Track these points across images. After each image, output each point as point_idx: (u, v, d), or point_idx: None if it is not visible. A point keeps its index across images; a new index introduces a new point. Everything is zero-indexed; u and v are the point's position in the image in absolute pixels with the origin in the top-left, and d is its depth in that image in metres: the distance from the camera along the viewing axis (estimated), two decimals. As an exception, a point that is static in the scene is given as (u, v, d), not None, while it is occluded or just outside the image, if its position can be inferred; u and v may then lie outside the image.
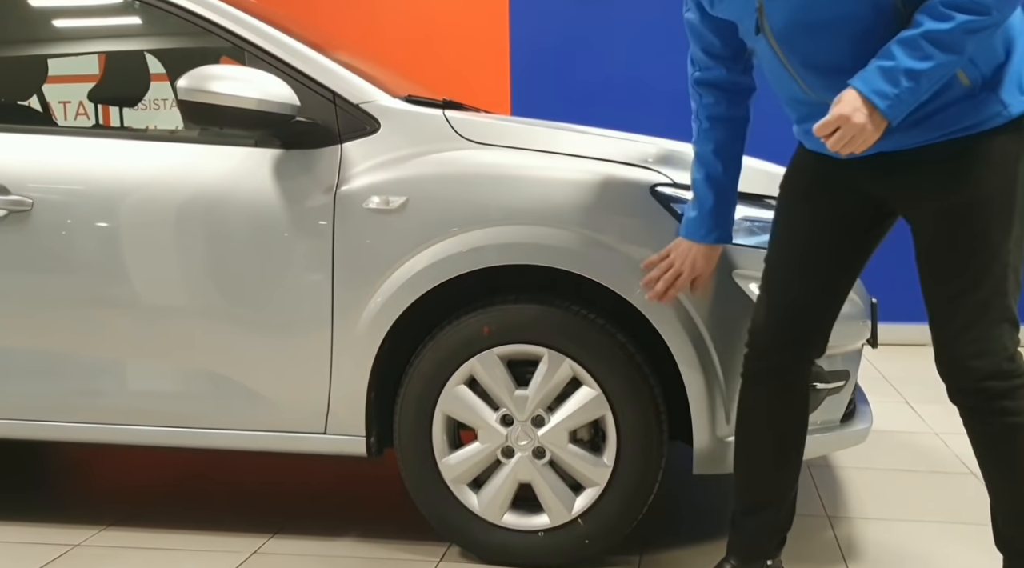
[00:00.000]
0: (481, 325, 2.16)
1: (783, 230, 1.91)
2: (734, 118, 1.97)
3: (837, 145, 1.57)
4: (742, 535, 1.99)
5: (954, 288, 1.68)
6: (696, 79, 1.96)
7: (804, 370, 1.92)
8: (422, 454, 2.22)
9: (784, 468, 1.97)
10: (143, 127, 2.73)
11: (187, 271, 2.27)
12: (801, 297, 1.88)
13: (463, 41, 5.22)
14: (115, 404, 2.33)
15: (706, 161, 1.97)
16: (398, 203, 2.17)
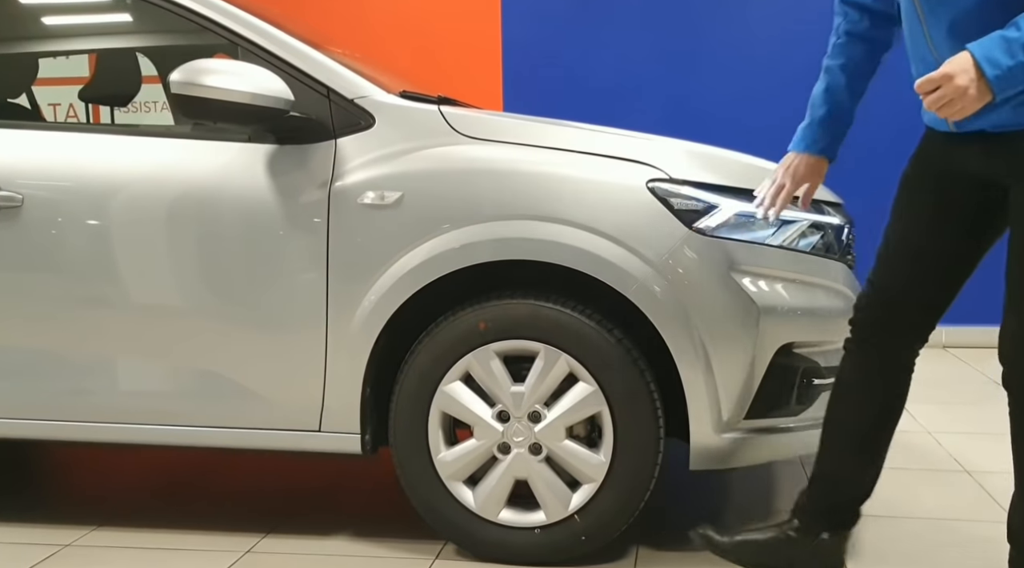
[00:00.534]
0: (477, 321, 2.15)
1: (904, 216, 1.90)
2: (873, 39, 1.94)
3: (934, 105, 1.54)
4: (810, 502, 2.01)
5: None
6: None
7: (910, 356, 1.94)
8: (417, 451, 2.20)
9: (873, 449, 1.98)
10: (135, 123, 2.70)
11: (179, 267, 2.26)
12: (910, 286, 1.88)
13: (455, 40, 5.22)
14: (106, 402, 2.31)
15: (832, 74, 1.95)
16: (393, 198, 2.16)
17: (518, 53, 5.24)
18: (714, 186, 2.15)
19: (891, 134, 5.02)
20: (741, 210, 2.15)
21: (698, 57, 5.15)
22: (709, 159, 2.23)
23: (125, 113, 4.13)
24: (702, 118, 5.12)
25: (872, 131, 4.98)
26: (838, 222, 2.34)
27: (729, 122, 5.13)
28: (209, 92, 2.08)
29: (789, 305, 2.14)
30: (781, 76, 5.06)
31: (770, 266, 2.14)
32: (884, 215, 1.96)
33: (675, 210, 2.10)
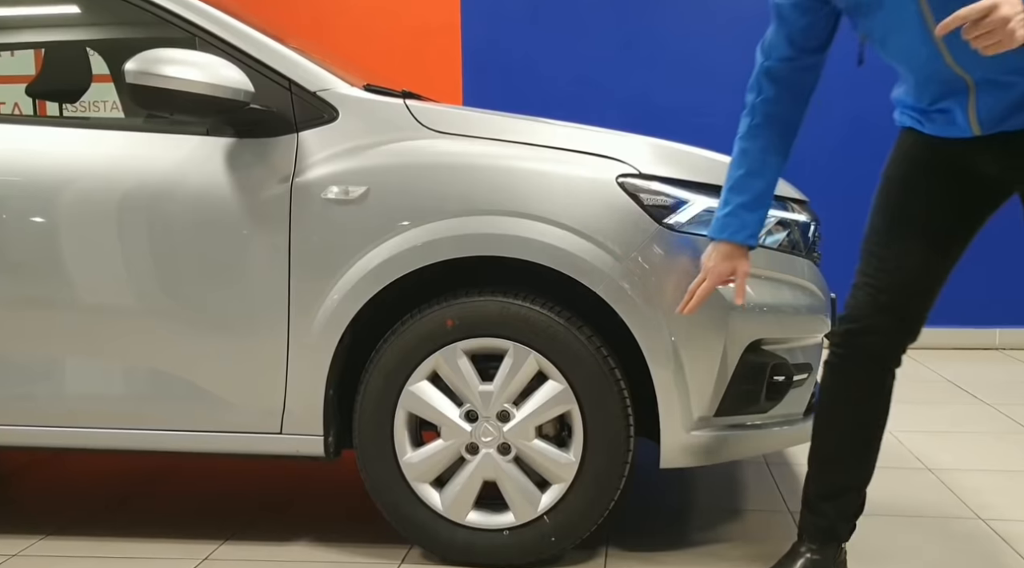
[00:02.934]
0: (444, 318, 2.10)
1: (888, 217, 1.89)
2: (789, 121, 1.92)
3: (975, 32, 1.44)
4: (819, 519, 1.96)
5: None
6: (766, 69, 1.90)
7: (896, 359, 1.92)
8: (383, 452, 2.15)
9: (867, 456, 1.95)
10: (85, 115, 2.59)
11: (133, 265, 2.18)
12: (907, 280, 1.86)
13: (414, 38, 5.16)
14: (55, 406, 2.22)
15: (752, 158, 1.92)
16: (358, 193, 2.10)
17: (478, 49, 5.20)
18: (684, 182, 2.14)
19: (855, 136, 5.12)
20: (711, 206, 2.13)
21: (660, 52, 5.16)
22: (678, 155, 2.22)
23: (74, 111, 4.00)
24: (664, 115, 5.13)
25: (837, 132, 5.08)
26: (804, 219, 2.33)
27: (691, 119, 5.15)
28: (166, 82, 2.01)
29: (757, 301, 2.13)
30: (743, 73, 5.11)
31: (740, 263, 2.13)
32: (852, 213, 1.96)
33: (645, 206, 2.08)
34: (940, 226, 1.86)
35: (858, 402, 1.93)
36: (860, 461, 1.96)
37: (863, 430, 1.95)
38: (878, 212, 1.92)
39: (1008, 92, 1.68)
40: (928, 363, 4.68)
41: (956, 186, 1.84)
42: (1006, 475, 2.87)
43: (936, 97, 1.77)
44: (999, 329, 5.18)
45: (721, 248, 1.95)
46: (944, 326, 5.07)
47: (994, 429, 3.43)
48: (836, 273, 2.48)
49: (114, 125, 2.31)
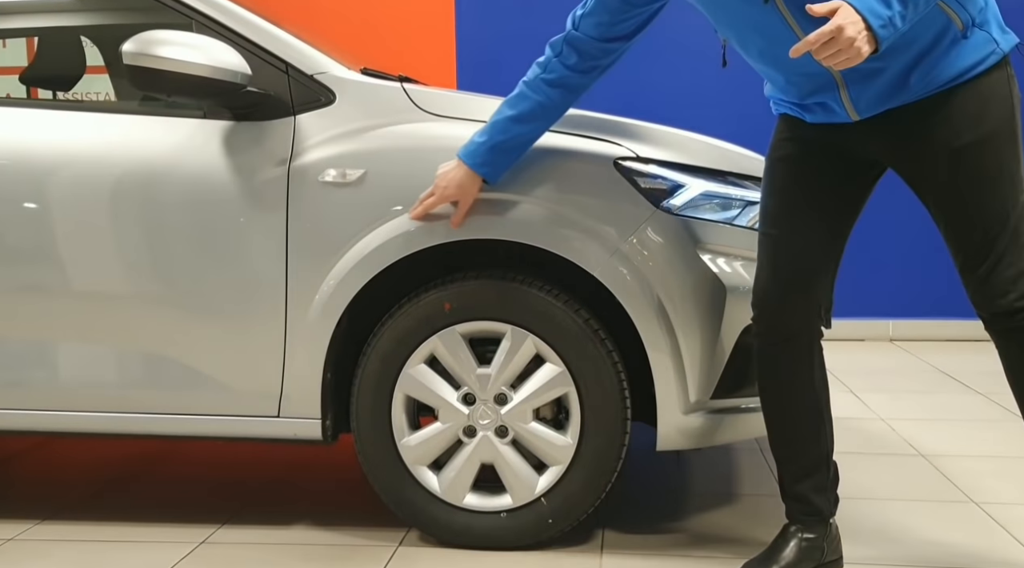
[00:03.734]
0: (442, 302, 2.11)
1: (781, 197, 1.91)
2: (579, 86, 2.00)
3: (824, 54, 1.54)
4: (800, 504, 1.98)
5: (985, 224, 1.73)
6: (572, 38, 1.96)
7: (816, 330, 1.94)
8: (380, 436, 2.15)
9: (821, 428, 1.97)
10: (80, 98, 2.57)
11: (131, 249, 2.17)
12: (805, 259, 1.88)
13: (408, 29, 5.15)
14: (53, 390, 2.22)
15: (528, 107, 1.98)
16: (355, 176, 2.10)
17: (472, 40, 5.20)
18: (681, 165, 2.14)
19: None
20: (708, 190, 2.14)
21: (656, 43, 5.16)
22: (676, 139, 2.22)
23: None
24: (657, 105, 5.14)
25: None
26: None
27: (684, 110, 5.16)
28: (163, 64, 2.01)
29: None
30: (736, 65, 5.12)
31: (736, 246, 2.14)
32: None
33: (642, 189, 2.09)
34: (829, 203, 1.89)
35: (792, 379, 1.93)
36: (816, 434, 1.96)
37: (807, 404, 1.95)
38: (770, 195, 1.94)
39: (877, 78, 1.73)
40: (916, 353, 4.72)
41: (841, 163, 1.87)
42: (997, 460, 2.89)
43: (808, 92, 1.82)
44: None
45: (461, 172, 2.00)
46: (931, 318, 5.13)
47: (985, 417, 3.45)
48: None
49: (110, 108, 2.30)
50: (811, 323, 1.92)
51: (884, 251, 5.11)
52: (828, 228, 1.90)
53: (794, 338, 1.92)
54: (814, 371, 1.95)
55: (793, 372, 1.94)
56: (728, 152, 2.30)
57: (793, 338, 1.92)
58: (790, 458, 1.99)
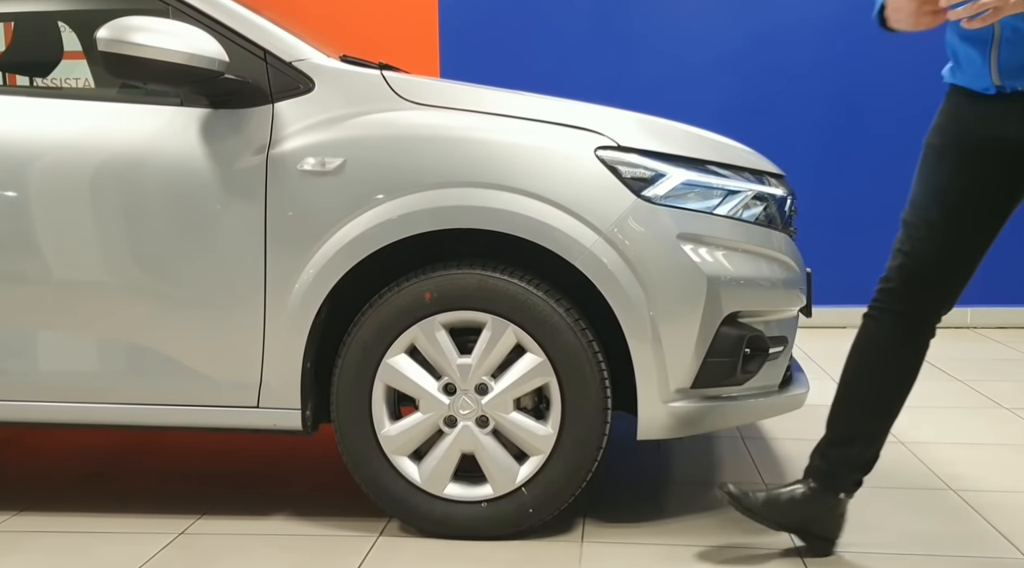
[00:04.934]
0: (422, 291, 2.10)
1: (928, 188, 1.90)
2: None
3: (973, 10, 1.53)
4: (823, 463, 2.01)
5: None
6: None
7: (933, 322, 1.95)
8: (361, 425, 2.14)
9: (887, 411, 1.99)
10: (57, 85, 2.53)
11: (106, 238, 2.15)
12: (935, 257, 1.88)
13: (390, 17, 5.11)
14: (29, 380, 2.20)
15: None
16: (334, 165, 2.09)
17: (455, 26, 5.17)
18: (662, 154, 2.14)
19: (842, 112, 5.15)
20: (688, 179, 2.13)
21: (639, 27, 5.18)
22: (657, 127, 2.21)
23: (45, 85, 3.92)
24: (643, 91, 5.15)
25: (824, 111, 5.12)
26: (781, 193, 2.34)
27: (671, 95, 5.18)
28: (139, 51, 1.99)
29: (734, 274, 2.14)
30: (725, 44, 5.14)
31: (716, 235, 2.14)
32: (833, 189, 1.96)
33: (623, 178, 2.08)
34: (978, 209, 1.87)
35: (885, 354, 1.96)
36: (876, 413, 1.99)
37: (884, 383, 1.98)
38: (918, 183, 1.93)
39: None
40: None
41: (996, 167, 1.84)
42: (977, 448, 2.91)
43: (964, 37, 1.78)
44: (970, 308, 5.24)
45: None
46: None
47: (966, 404, 3.48)
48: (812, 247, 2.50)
49: (87, 95, 2.27)
50: (925, 318, 1.94)
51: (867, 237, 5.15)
52: (965, 236, 1.88)
53: (904, 323, 1.93)
54: (908, 361, 1.97)
55: (890, 348, 1.95)
56: (710, 141, 2.29)
57: (903, 322, 1.93)
58: (839, 419, 2.01)
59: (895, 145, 4.98)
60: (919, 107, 2.86)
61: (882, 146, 5.13)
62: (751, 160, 2.33)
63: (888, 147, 5.08)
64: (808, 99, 5.18)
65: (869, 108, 5.19)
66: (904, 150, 2.72)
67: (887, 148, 5.08)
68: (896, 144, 4.96)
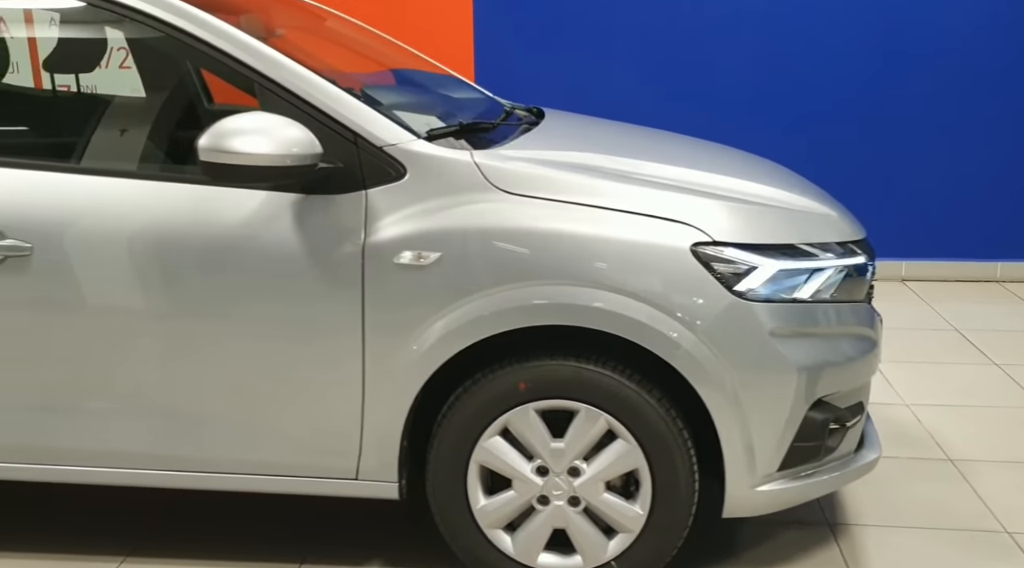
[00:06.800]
0: (517, 381, 2.15)
1: None
2: None
3: None
4: None
5: None
6: None
7: None
8: (457, 501, 2.24)
9: None
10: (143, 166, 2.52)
11: (206, 321, 2.19)
12: None
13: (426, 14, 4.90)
14: (138, 449, 2.29)
15: None
16: (432, 259, 2.10)
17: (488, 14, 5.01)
18: (754, 246, 2.15)
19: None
20: (779, 268, 2.15)
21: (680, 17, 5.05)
22: (748, 214, 2.21)
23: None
24: (689, 72, 5.07)
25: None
26: (863, 261, 2.35)
27: (716, 77, 5.09)
28: (237, 158, 1.98)
29: (821, 361, 2.19)
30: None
31: (805, 324, 2.18)
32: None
33: (717, 274, 2.10)
34: None
35: None
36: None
37: None
38: None
39: None
40: (926, 297, 4.85)
41: None
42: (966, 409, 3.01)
43: None
44: (1000, 263, 5.29)
45: None
46: (945, 259, 5.22)
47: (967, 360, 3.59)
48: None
49: (177, 178, 2.25)
50: None
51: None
52: None
53: None
54: None
55: None
56: (799, 216, 2.31)
57: None
58: None
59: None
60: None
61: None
62: (836, 227, 2.34)
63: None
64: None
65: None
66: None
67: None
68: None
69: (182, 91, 2.88)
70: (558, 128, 2.74)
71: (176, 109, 2.64)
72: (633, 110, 4.18)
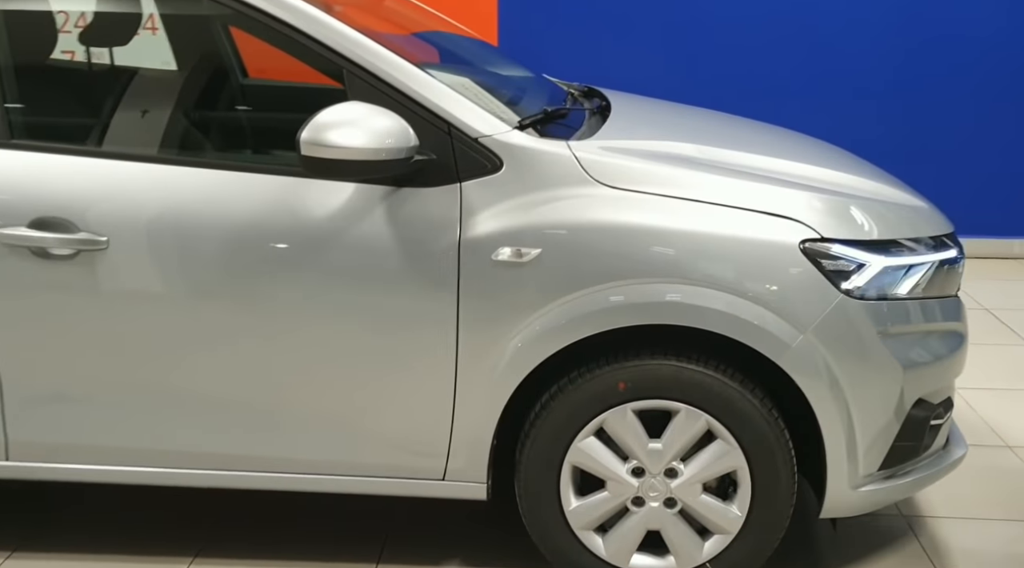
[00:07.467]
0: (616, 380, 2.09)
1: None
2: None
3: None
4: None
5: None
6: None
7: None
8: (548, 502, 2.19)
9: None
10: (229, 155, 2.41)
11: (296, 315, 2.11)
12: None
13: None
14: (231, 450, 2.21)
15: None
16: (532, 256, 2.03)
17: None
18: (861, 242, 2.09)
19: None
20: (885, 265, 2.10)
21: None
22: (852, 209, 2.16)
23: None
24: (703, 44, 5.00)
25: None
26: (954, 255, 2.30)
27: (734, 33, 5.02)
28: (336, 153, 1.89)
29: (924, 359, 2.16)
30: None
31: (909, 322, 2.14)
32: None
33: (826, 271, 2.04)
34: None
35: None
36: None
37: None
38: None
39: None
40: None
41: None
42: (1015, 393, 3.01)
43: None
44: (1017, 240, 5.30)
45: None
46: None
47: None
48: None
49: (262, 168, 2.15)
50: None
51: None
52: None
53: None
54: None
55: None
56: (898, 210, 2.26)
57: None
58: None
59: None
60: None
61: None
62: (929, 221, 2.30)
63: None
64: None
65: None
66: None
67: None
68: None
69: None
70: (632, 114, 2.66)
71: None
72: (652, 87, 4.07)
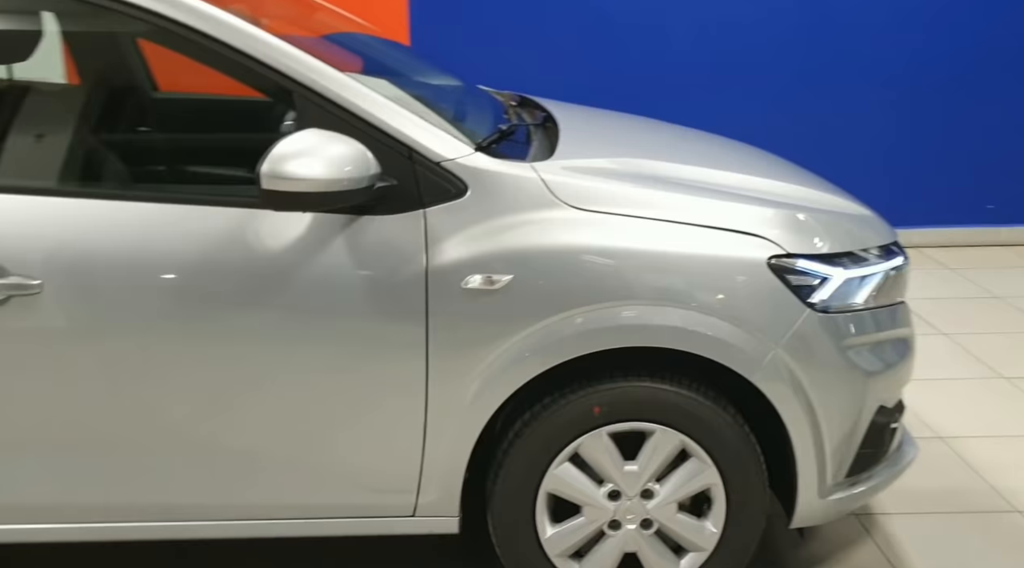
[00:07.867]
0: (590, 405, 2.06)
1: None
2: None
3: None
4: None
5: None
6: None
7: None
8: (524, 532, 2.14)
9: None
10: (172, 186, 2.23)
11: (257, 349, 1.99)
12: None
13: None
14: (195, 500, 2.08)
15: None
16: (503, 282, 1.97)
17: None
18: (824, 256, 2.12)
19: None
20: (846, 277, 2.13)
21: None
22: (813, 223, 2.18)
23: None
24: (621, 38, 4.99)
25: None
26: (901, 262, 2.35)
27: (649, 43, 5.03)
28: (296, 185, 1.79)
29: (884, 366, 2.20)
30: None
31: (869, 332, 2.17)
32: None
33: (792, 287, 2.06)
34: None
35: None
36: None
37: None
38: None
39: None
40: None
41: None
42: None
43: None
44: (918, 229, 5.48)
45: None
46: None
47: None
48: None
49: (219, 201, 2.00)
50: None
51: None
52: None
53: None
54: None
55: None
56: (850, 220, 2.30)
57: None
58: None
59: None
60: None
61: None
62: (877, 230, 2.34)
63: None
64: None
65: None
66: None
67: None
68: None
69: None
70: (581, 128, 2.62)
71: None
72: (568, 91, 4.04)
